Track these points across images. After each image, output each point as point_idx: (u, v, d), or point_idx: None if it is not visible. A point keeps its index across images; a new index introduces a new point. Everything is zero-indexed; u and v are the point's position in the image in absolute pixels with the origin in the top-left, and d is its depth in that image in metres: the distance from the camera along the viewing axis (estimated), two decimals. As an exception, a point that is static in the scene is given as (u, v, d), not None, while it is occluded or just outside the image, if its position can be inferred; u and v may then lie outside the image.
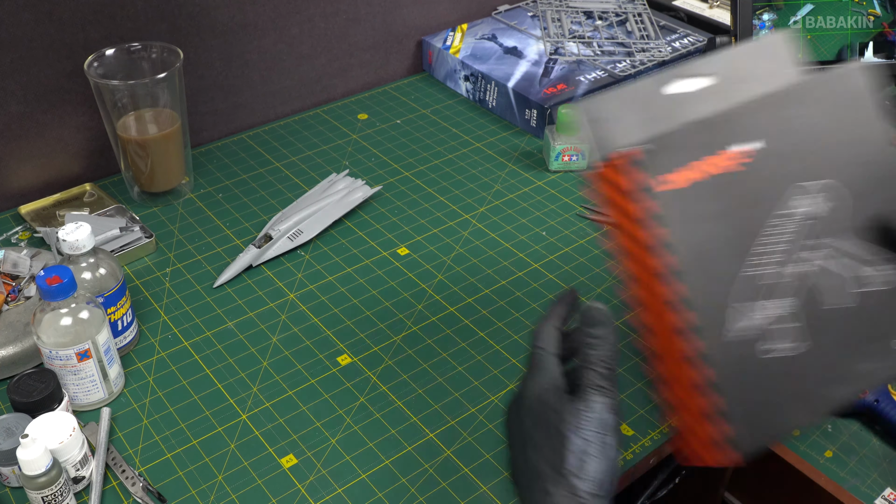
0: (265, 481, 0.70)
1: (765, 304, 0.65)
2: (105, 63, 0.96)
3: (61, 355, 0.72)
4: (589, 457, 0.56)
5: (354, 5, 1.20)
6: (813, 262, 0.67)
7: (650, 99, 0.67)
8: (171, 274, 0.93)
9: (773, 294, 0.66)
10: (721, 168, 0.63)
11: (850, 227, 0.68)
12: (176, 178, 1.03)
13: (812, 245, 0.67)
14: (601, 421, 0.57)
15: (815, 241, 0.67)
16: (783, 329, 0.66)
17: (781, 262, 0.66)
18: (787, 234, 0.66)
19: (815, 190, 0.67)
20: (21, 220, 0.99)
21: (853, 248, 0.68)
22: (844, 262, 0.68)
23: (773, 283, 0.66)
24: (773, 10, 1.02)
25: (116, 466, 0.71)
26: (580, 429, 0.56)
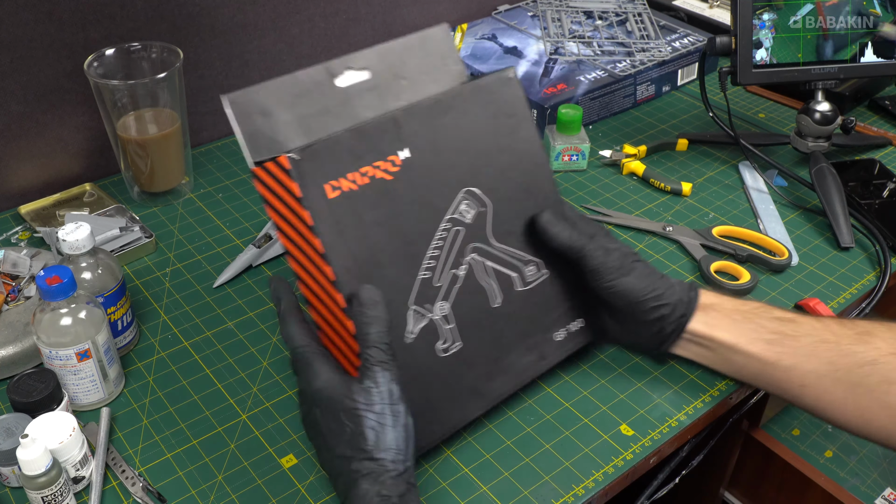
0: (265, 481, 0.70)
1: (442, 305, 0.69)
2: (105, 63, 0.96)
3: (61, 355, 0.72)
4: (385, 428, 0.61)
5: (354, 5, 1.20)
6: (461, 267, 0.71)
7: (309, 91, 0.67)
8: (171, 274, 0.92)
9: (447, 296, 0.70)
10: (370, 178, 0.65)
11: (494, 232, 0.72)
12: (176, 178, 1.03)
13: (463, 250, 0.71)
14: (389, 393, 0.62)
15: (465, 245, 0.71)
16: (453, 328, 0.70)
17: (455, 265, 0.70)
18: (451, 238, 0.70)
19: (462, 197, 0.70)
20: (21, 220, 0.99)
21: (497, 252, 0.73)
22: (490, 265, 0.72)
23: (446, 286, 0.70)
24: (773, 10, 1.02)
25: (116, 466, 0.71)
26: (372, 405, 0.61)
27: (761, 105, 1.26)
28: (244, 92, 0.64)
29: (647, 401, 0.78)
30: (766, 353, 0.71)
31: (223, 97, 0.63)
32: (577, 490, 0.70)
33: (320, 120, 0.66)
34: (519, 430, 0.75)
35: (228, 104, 0.63)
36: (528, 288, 0.74)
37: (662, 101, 1.26)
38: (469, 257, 0.71)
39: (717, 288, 0.90)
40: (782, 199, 1.04)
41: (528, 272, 0.74)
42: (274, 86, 0.65)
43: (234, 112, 0.63)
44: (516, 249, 0.74)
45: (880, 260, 0.94)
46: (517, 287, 0.74)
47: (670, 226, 0.98)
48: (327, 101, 0.67)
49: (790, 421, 1.10)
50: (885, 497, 1.02)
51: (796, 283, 0.92)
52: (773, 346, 0.70)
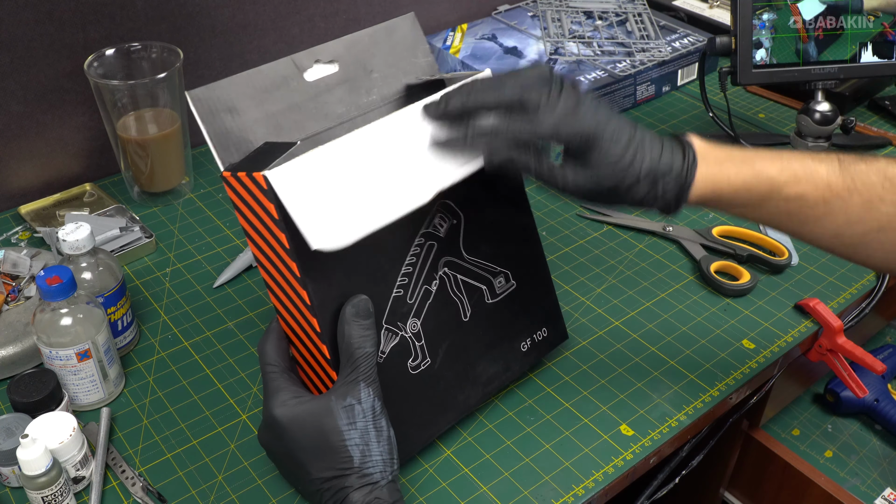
0: (265, 481, 0.70)
1: (414, 322, 0.68)
2: (105, 63, 0.96)
3: (61, 355, 0.72)
4: (370, 445, 0.60)
5: (354, 5, 1.20)
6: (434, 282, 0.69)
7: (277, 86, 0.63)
8: (171, 274, 0.93)
9: (418, 313, 0.69)
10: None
11: (465, 245, 0.71)
12: (176, 178, 1.03)
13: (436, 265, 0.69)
14: (373, 410, 0.60)
15: (438, 260, 0.69)
16: (423, 345, 0.69)
17: (427, 280, 0.69)
18: (424, 253, 0.69)
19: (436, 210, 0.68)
20: (21, 220, 0.99)
21: (468, 265, 0.72)
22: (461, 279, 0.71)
23: (418, 302, 0.68)
24: (773, 10, 1.02)
25: (116, 466, 0.71)
26: (355, 423, 0.60)
27: (761, 105, 1.26)
28: (208, 88, 0.61)
29: (647, 401, 0.78)
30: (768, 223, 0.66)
31: (187, 93, 0.60)
32: (577, 490, 0.70)
33: (290, 117, 0.63)
34: (519, 430, 0.75)
35: (191, 101, 0.60)
36: (497, 300, 0.73)
37: (662, 101, 1.26)
38: (441, 272, 0.69)
39: (717, 288, 0.90)
40: (782, 199, 1.04)
41: (497, 284, 0.73)
42: (240, 80, 0.62)
43: (199, 110, 0.60)
44: (486, 261, 0.72)
45: (880, 260, 0.94)
46: (487, 299, 0.73)
47: (670, 226, 0.98)
48: (296, 97, 0.64)
49: (790, 421, 1.10)
50: (885, 497, 1.02)
51: (796, 283, 0.92)
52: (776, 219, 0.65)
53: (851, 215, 0.63)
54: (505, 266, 0.74)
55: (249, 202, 0.60)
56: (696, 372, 0.81)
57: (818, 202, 0.63)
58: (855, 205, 0.62)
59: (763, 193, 0.63)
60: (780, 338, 0.85)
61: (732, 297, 0.90)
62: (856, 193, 0.62)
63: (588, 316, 0.87)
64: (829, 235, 0.64)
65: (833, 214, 0.63)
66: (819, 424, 1.10)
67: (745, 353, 0.83)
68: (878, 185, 0.62)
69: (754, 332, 0.85)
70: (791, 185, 0.63)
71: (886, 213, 0.62)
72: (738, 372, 0.81)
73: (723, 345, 0.84)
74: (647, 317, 0.87)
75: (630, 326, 0.86)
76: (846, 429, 1.10)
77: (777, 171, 0.63)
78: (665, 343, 0.84)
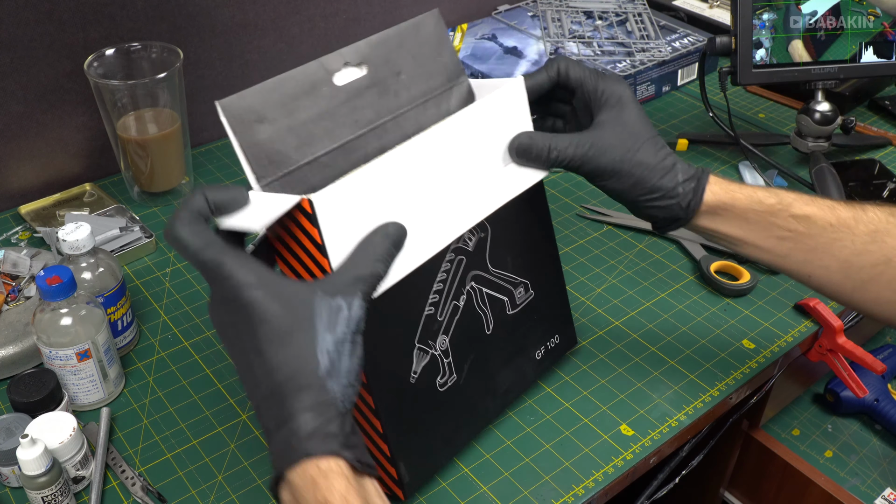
0: (265, 481, 0.70)
1: (443, 340, 0.67)
2: (105, 63, 0.96)
3: (61, 355, 0.72)
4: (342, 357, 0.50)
5: (354, 5, 1.20)
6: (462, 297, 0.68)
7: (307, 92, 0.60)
8: (171, 274, 0.92)
9: (447, 329, 0.67)
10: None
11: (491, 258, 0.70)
12: (176, 178, 1.03)
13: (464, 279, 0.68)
14: (357, 321, 0.51)
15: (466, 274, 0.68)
16: (450, 362, 0.68)
17: (456, 296, 0.67)
18: (454, 269, 0.67)
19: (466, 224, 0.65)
20: (21, 220, 0.99)
21: (493, 277, 0.71)
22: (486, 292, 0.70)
23: (447, 319, 0.67)
24: (773, 10, 1.02)
25: (116, 466, 0.71)
26: (335, 326, 0.50)
27: (761, 105, 1.26)
28: (239, 97, 0.56)
29: (647, 401, 0.78)
30: (777, 248, 0.67)
31: (217, 104, 0.56)
32: (577, 490, 0.70)
33: (320, 124, 0.61)
34: (519, 430, 0.75)
35: (222, 112, 0.56)
36: (517, 310, 0.73)
37: (662, 101, 1.26)
38: (469, 286, 0.68)
39: (717, 288, 0.90)
40: (782, 199, 1.04)
41: (517, 294, 0.73)
42: (269, 87, 0.58)
43: (229, 120, 0.56)
44: (510, 273, 0.72)
45: (880, 260, 0.94)
46: (508, 311, 0.72)
47: (670, 226, 0.98)
48: (327, 103, 0.62)
49: (790, 421, 1.10)
50: (885, 497, 1.02)
51: (796, 283, 0.92)
52: (785, 243, 0.67)
53: (858, 244, 0.64)
54: (525, 276, 0.73)
55: (288, 225, 0.56)
56: (696, 372, 0.81)
57: (826, 226, 0.65)
58: (861, 234, 0.64)
59: (773, 206, 0.65)
60: (780, 338, 0.85)
61: (732, 297, 0.90)
62: (862, 223, 0.65)
63: (588, 316, 0.87)
64: (838, 267, 0.66)
65: (841, 241, 0.65)
66: (819, 424, 1.10)
67: (745, 353, 0.83)
68: (883, 219, 0.65)
69: (754, 332, 0.85)
70: (800, 204, 0.66)
71: (891, 247, 0.64)
72: (738, 372, 0.81)
73: (723, 345, 0.84)
74: (647, 317, 0.87)
75: (630, 326, 0.86)
76: (846, 429, 1.10)
77: (786, 192, 0.66)
78: (665, 343, 0.84)
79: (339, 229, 0.55)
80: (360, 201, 0.56)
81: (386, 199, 0.58)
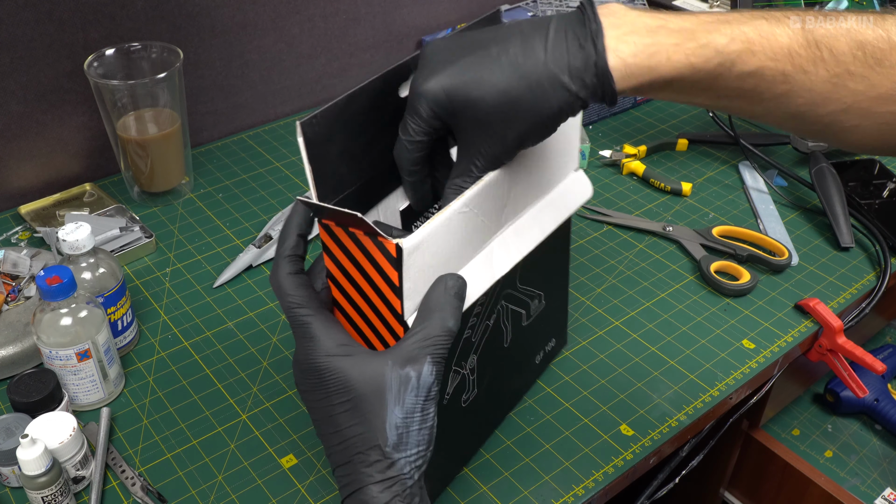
0: (265, 481, 0.70)
1: (472, 360, 0.66)
2: (105, 63, 0.96)
3: (61, 355, 0.72)
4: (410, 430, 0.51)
5: (354, 5, 1.20)
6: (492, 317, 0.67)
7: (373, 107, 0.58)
8: (171, 274, 0.92)
9: (477, 349, 0.66)
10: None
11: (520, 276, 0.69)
12: (176, 178, 1.03)
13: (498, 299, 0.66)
14: (428, 389, 0.51)
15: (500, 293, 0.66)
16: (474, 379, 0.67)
17: (488, 316, 0.66)
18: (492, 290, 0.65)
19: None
20: (21, 220, 0.99)
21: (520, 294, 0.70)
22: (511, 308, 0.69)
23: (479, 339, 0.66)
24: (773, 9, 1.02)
25: (116, 466, 0.71)
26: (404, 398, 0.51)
27: (761, 105, 1.26)
28: (320, 116, 0.53)
29: (647, 401, 0.78)
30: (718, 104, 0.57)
31: (298, 124, 0.52)
32: (577, 490, 0.70)
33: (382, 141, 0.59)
34: (519, 430, 0.75)
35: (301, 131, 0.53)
36: (530, 322, 0.73)
37: (662, 101, 1.26)
38: (500, 304, 0.67)
39: (717, 288, 0.90)
40: (782, 199, 1.04)
41: (533, 306, 0.72)
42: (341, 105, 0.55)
43: (307, 141, 0.53)
44: (532, 287, 0.71)
45: (880, 260, 0.94)
46: (523, 322, 0.72)
47: (670, 226, 0.98)
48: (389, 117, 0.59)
49: (790, 421, 1.10)
50: (885, 497, 1.02)
51: (796, 283, 0.92)
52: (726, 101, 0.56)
53: (815, 95, 0.54)
54: (542, 288, 0.73)
55: (359, 259, 0.55)
56: (696, 372, 0.81)
57: (777, 78, 0.53)
58: (820, 81, 0.53)
59: (711, 72, 0.52)
60: (780, 338, 0.85)
61: (732, 297, 0.90)
62: (822, 66, 0.53)
63: (588, 316, 0.87)
64: (788, 117, 0.56)
65: (794, 93, 0.54)
66: (819, 424, 1.10)
67: (745, 353, 0.83)
68: (847, 54, 0.53)
69: (754, 332, 0.85)
70: (745, 59, 0.52)
71: (853, 91, 0.53)
72: (738, 372, 0.81)
73: (723, 345, 0.84)
74: (647, 317, 0.87)
75: (630, 326, 0.86)
76: (846, 429, 1.10)
77: (726, 41, 0.52)
78: (665, 343, 0.84)
79: (416, 274, 0.54)
80: (434, 247, 0.55)
81: (454, 243, 0.57)
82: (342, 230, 0.54)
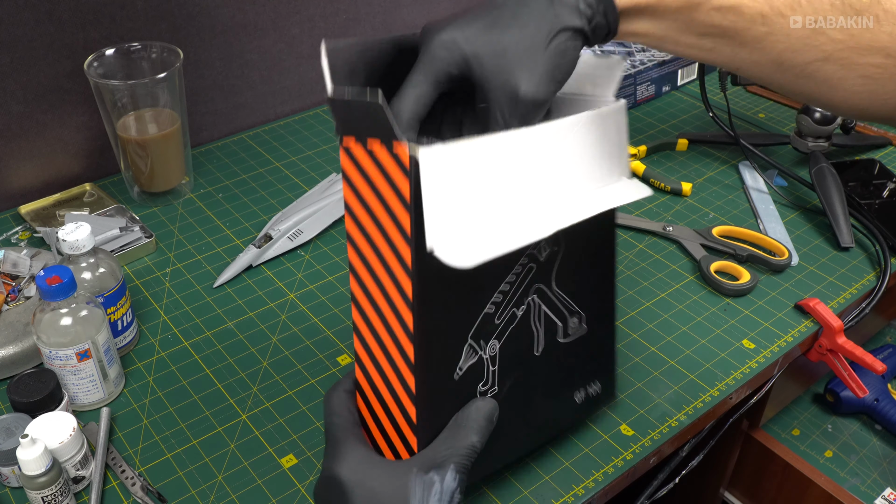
0: (265, 481, 0.70)
1: (494, 345, 0.63)
2: (105, 63, 0.96)
3: (61, 355, 0.72)
4: None
5: (354, 5, 1.20)
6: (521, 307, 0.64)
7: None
8: (171, 274, 0.93)
9: (501, 335, 0.64)
10: None
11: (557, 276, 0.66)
12: (176, 178, 1.03)
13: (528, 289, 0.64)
14: (451, 495, 0.54)
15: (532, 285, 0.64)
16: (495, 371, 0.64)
17: (517, 304, 0.64)
18: (523, 275, 0.63)
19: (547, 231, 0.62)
20: (21, 220, 0.99)
21: (554, 297, 0.67)
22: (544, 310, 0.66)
23: (503, 324, 0.63)
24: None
25: (116, 466, 0.71)
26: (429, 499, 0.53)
27: (761, 105, 1.26)
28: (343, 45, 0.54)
29: (647, 401, 0.78)
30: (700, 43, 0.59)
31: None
32: (577, 490, 0.70)
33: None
34: (519, 430, 0.75)
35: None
36: (568, 341, 0.68)
37: (662, 101, 1.26)
38: (531, 297, 0.65)
39: (717, 288, 0.90)
40: (782, 199, 1.04)
41: (571, 324, 0.68)
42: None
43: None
44: (569, 298, 0.68)
45: (880, 260, 0.94)
46: (559, 337, 0.68)
47: (670, 226, 0.98)
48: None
49: (790, 421, 1.10)
50: (885, 497, 1.02)
51: (796, 283, 0.92)
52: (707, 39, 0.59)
53: (793, 40, 0.56)
54: (582, 307, 0.69)
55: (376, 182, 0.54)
56: (696, 372, 0.81)
57: (755, 18, 0.56)
58: (798, 28, 0.56)
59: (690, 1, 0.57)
60: (780, 338, 0.85)
61: (732, 297, 0.90)
62: (799, 10, 0.56)
63: (588, 316, 0.87)
64: (771, 63, 0.58)
65: (774, 36, 0.56)
66: (819, 424, 1.10)
67: (745, 353, 0.83)
68: (826, 4, 0.55)
69: (754, 332, 0.86)
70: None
71: (833, 40, 0.55)
72: (738, 372, 0.81)
73: (723, 345, 0.84)
74: (646, 317, 0.87)
75: (630, 326, 0.86)
76: (846, 429, 1.10)
77: None
78: (665, 343, 0.84)
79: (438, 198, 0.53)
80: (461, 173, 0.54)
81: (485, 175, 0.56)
82: (362, 148, 0.54)
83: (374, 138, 0.53)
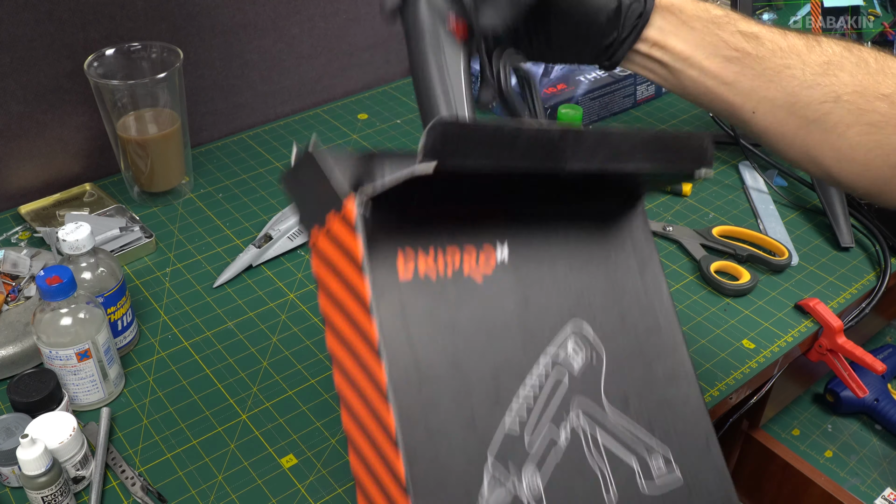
0: (265, 481, 0.70)
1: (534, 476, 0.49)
2: (105, 63, 0.96)
3: (61, 355, 0.72)
4: None
5: (354, 5, 1.20)
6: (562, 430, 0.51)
7: None
8: (171, 274, 0.93)
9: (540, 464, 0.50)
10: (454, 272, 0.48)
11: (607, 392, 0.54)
12: (176, 178, 1.03)
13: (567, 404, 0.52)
14: None
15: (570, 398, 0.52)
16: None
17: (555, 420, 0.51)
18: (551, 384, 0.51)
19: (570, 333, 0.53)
20: (21, 220, 0.99)
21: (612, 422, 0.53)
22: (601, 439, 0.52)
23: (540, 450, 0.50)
24: (773, 10, 1.02)
25: (116, 466, 0.71)
26: None
27: (761, 105, 1.26)
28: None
29: (647, 401, 0.78)
30: (724, 72, 0.61)
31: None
32: (577, 490, 0.69)
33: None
34: (519, 430, 0.75)
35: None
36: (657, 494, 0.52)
37: (662, 101, 1.26)
38: (573, 414, 0.51)
39: (717, 288, 0.90)
40: (782, 199, 1.04)
41: (654, 465, 0.53)
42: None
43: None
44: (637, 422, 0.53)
45: (880, 260, 0.94)
46: (642, 487, 0.52)
47: (670, 226, 0.98)
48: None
49: (790, 421, 1.10)
50: (885, 497, 1.02)
51: (796, 283, 0.92)
52: (731, 65, 0.61)
53: (808, 75, 0.59)
54: (664, 439, 0.53)
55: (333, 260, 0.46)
56: (696, 372, 0.81)
57: (775, 50, 0.60)
58: (813, 64, 0.59)
59: (719, 17, 0.61)
60: (780, 338, 0.85)
61: (732, 297, 0.90)
62: (815, 52, 0.59)
63: (588, 316, 0.87)
64: (785, 101, 0.60)
65: (790, 70, 0.59)
66: (819, 424, 1.10)
67: (745, 353, 0.83)
68: (838, 52, 0.59)
69: (754, 332, 0.86)
70: (747, 21, 0.61)
71: (843, 83, 0.59)
72: (738, 372, 0.81)
73: (723, 345, 0.84)
74: (647, 317, 0.87)
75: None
76: (846, 429, 1.10)
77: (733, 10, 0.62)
78: (665, 343, 0.84)
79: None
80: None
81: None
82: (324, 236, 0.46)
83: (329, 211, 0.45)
